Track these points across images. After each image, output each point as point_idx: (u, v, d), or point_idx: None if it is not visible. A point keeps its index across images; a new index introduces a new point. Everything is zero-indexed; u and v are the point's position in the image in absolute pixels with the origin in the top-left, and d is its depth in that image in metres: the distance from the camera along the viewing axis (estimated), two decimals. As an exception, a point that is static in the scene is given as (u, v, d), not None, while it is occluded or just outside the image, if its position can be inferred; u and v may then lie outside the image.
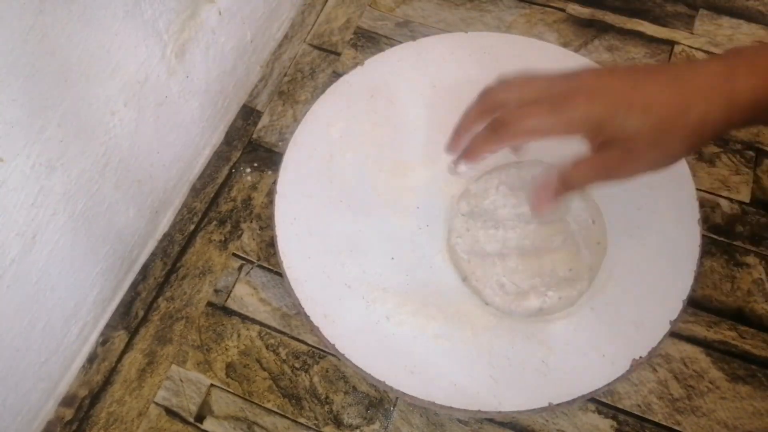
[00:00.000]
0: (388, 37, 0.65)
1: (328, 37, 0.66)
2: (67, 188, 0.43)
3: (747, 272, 0.53)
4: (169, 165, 0.55)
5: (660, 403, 0.48)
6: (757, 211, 0.55)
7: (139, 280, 0.55)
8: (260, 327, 0.52)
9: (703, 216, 0.53)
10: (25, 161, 0.38)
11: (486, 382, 0.45)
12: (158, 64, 0.48)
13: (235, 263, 0.55)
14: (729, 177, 0.56)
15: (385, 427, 0.48)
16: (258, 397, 0.50)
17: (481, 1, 0.67)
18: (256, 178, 0.59)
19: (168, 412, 0.50)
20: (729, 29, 0.64)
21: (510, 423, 0.48)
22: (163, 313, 0.53)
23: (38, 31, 0.36)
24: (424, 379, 0.45)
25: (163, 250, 0.56)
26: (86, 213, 0.46)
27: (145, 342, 0.52)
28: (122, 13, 0.42)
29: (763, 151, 0.57)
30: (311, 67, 0.64)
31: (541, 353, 0.46)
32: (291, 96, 0.63)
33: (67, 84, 0.40)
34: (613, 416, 0.48)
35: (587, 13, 0.65)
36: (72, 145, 0.42)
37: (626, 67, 0.41)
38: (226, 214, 0.57)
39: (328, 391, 0.50)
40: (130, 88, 0.46)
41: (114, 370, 0.52)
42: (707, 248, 0.53)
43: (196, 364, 0.51)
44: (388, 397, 0.49)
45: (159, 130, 0.51)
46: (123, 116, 0.46)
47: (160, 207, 0.56)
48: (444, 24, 0.65)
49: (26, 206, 0.40)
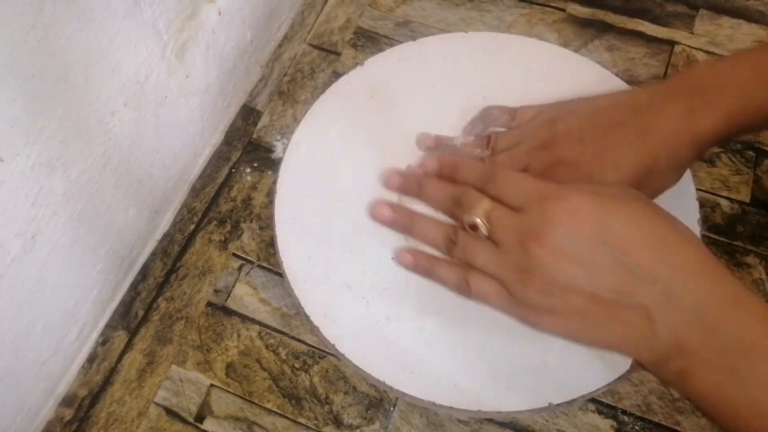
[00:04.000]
0: (388, 37, 0.65)
1: (328, 37, 0.66)
2: (67, 188, 0.43)
3: (747, 272, 0.53)
4: (169, 165, 0.55)
5: (660, 403, 0.48)
6: (757, 211, 0.55)
7: (139, 280, 0.55)
8: (260, 327, 0.52)
9: (703, 216, 0.53)
10: (25, 161, 0.38)
11: (486, 382, 0.45)
12: (158, 64, 0.48)
13: (235, 263, 0.55)
14: (729, 177, 0.56)
15: (385, 427, 0.48)
16: (258, 397, 0.50)
17: (481, 1, 0.67)
18: (256, 178, 0.59)
19: (168, 412, 0.50)
20: (729, 29, 0.64)
21: (510, 423, 0.48)
22: (163, 313, 0.53)
23: (38, 31, 0.36)
24: (424, 379, 0.46)
25: (163, 250, 0.56)
26: (86, 213, 0.46)
27: (145, 342, 0.52)
28: (122, 13, 0.42)
29: (763, 151, 0.57)
30: (311, 67, 0.64)
31: (542, 353, 0.46)
32: (291, 96, 0.63)
33: (66, 84, 0.40)
34: (613, 416, 0.48)
35: (587, 13, 0.65)
36: (72, 145, 0.42)
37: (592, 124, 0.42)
38: (226, 214, 0.57)
39: (328, 391, 0.50)
40: (130, 88, 0.46)
41: (114, 370, 0.52)
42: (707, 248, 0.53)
43: (196, 364, 0.51)
44: (388, 397, 0.49)
45: (159, 130, 0.51)
46: (123, 116, 0.46)
47: (160, 207, 0.56)
48: (444, 24, 0.65)
49: (26, 206, 0.40)
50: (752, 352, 0.31)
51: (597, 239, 0.31)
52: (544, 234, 0.32)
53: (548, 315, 0.34)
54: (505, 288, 0.35)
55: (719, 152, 0.57)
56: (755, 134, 0.58)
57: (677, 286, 0.31)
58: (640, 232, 0.32)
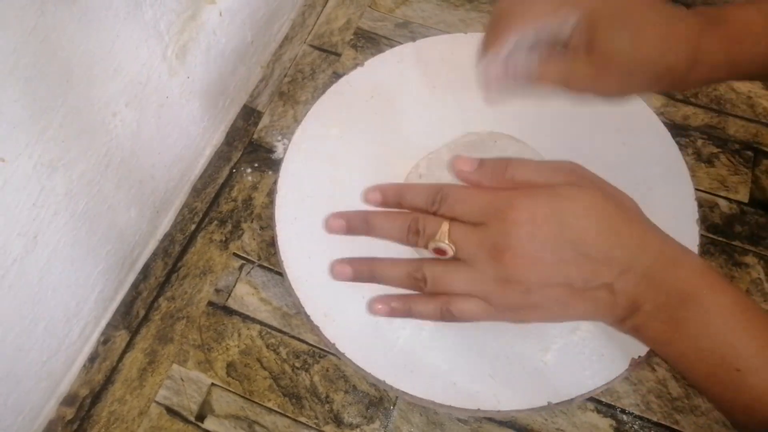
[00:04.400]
0: (388, 38, 0.65)
1: (328, 37, 0.66)
2: (69, 188, 0.43)
3: (746, 272, 0.53)
4: (170, 165, 0.55)
5: (659, 402, 0.48)
6: (755, 211, 0.55)
7: (140, 280, 0.55)
8: (261, 326, 0.52)
9: (702, 216, 0.53)
10: (27, 161, 0.39)
11: (485, 381, 0.46)
12: (159, 65, 0.48)
13: (236, 263, 0.55)
14: (727, 177, 0.57)
15: (385, 426, 0.49)
16: (258, 396, 0.50)
17: (481, 2, 0.67)
18: (256, 178, 0.59)
19: (169, 411, 0.50)
20: (728, 30, 0.64)
21: (509, 422, 0.48)
22: (164, 313, 0.54)
23: (40, 33, 0.36)
24: (423, 379, 0.46)
25: (164, 249, 0.56)
26: (88, 213, 0.46)
27: (146, 341, 0.53)
28: (123, 15, 0.43)
29: (761, 151, 0.58)
30: (311, 67, 0.64)
31: (541, 352, 0.46)
32: (291, 96, 0.63)
33: (68, 85, 0.40)
34: (612, 415, 0.48)
35: (586, 14, 0.65)
36: (74, 146, 0.42)
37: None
38: (227, 214, 0.58)
39: (329, 390, 0.50)
40: (131, 89, 0.46)
41: (115, 369, 0.52)
42: (706, 248, 0.54)
43: (197, 363, 0.51)
44: (388, 396, 0.50)
45: (160, 131, 0.52)
46: (124, 117, 0.46)
47: (161, 207, 0.56)
48: (443, 25, 0.65)
49: (28, 206, 0.40)
50: (690, 301, 0.35)
51: (558, 238, 0.35)
52: (511, 245, 0.35)
53: (531, 310, 0.37)
54: (486, 301, 0.37)
55: (718, 152, 0.58)
56: (754, 134, 0.58)
57: (629, 260, 0.35)
58: (593, 224, 0.35)
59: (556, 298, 0.36)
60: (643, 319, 0.36)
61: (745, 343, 0.35)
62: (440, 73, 0.58)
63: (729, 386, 0.35)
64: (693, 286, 0.36)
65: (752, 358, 0.34)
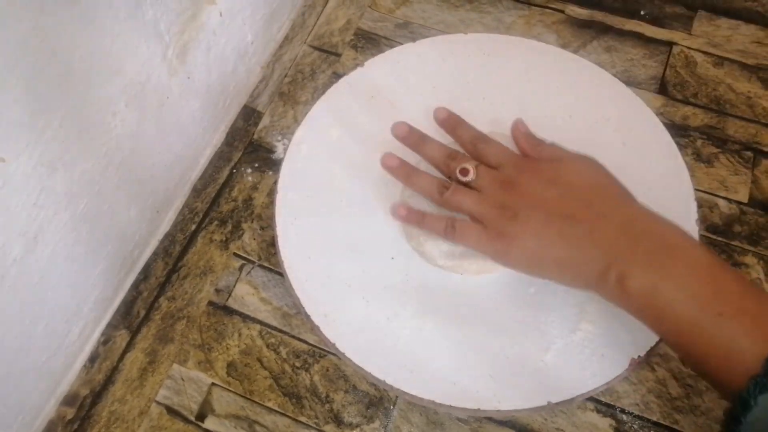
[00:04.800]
0: (388, 39, 0.65)
1: (328, 38, 0.66)
2: (69, 188, 0.43)
3: (745, 272, 0.53)
4: (171, 165, 0.55)
5: (658, 402, 0.48)
6: (755, 212, 0.55)
7: (141, 280, 0.55)
8: (261, 326, 0.52)
9: (702, 216, 0.53)
10: (27, 161, 0.39)
11: (485, 380, 0.46)
12: (159, 65, 0.48)
13: (236, 263, 0.55)
14: (727, 177, 0.57)
15: (385, 425, 0.49)
16: (259, 396, 0.50)
17: (481, 3, 0.67)
18: (256, 179, 0.59)
19: (169, 410, 0.50)
20: (727, 30, 0.64)
21: (509, 421, 0.48)
22: (165, 313, 0.54)
23: (40, 32, 0.36)
24: (423, 378, 0.46)
25: (165, 249, 0.57)
26: (88, 213, 0.46)
27: (146, 341, 0.53)
28: (124, 15, 0.43)
29: (761, 151, 0.58)
30: (312, 68, 0.64)
31: (541, 352, 0.46)
32: (291, 97, 0.63)
33: (68, 85, 0.40)
34: (611, 415, 0.48)
35: (586, 15, 0.66)
36: (74, 146, 0.42)
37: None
38: (227, 214, 0.58)
39: (329, 389, 0.50)
40: (131, 89, 0.46)
41: (115, 369, 0.52)
42: (706, 248, 0.54)
43: (197, 363, 0.51)
44: (388, 395, 0.50)
45: (160, 131, 0.52)
46: (124, 117, 0.46)
47: (161, 207, 0.56)
48: (443, 25, 0.66)
49: (28, 206, 0.40)
50: (675, 249, 0.38)
51: (551, 182, 0.43)
52: (517, 181, 0.44)
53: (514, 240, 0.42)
54: (484, 227, 0.44)
55: (717, 153, 0.58)
56: (753, 134, 0.58)
57: (607, 208, 0.41)
58: (583, 180, 0.43)
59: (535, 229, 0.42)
60: (626, 269, 0.38)
61: (728, 286, 0.37)
62: (440, 73, 0.58)
63: (712, 334, 0.36)
64: (675, 236, 0.39)
65: (735, 301, 0.36)
